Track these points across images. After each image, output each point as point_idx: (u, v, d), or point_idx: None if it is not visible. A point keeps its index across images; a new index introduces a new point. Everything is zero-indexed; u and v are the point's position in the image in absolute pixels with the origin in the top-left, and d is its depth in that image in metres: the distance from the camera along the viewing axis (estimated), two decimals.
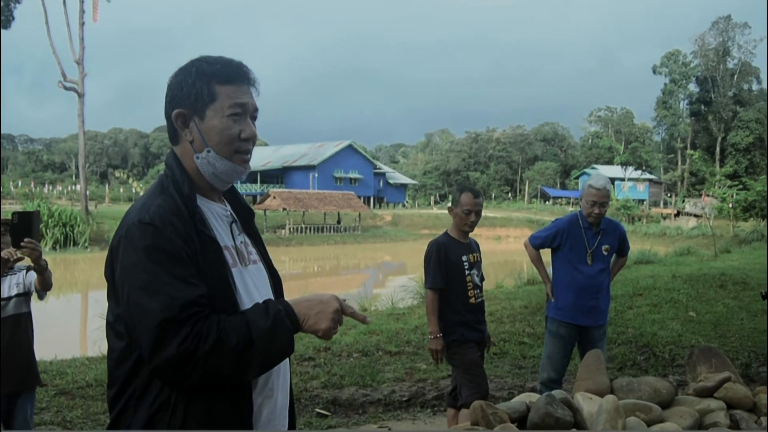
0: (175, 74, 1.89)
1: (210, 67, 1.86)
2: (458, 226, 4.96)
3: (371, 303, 13.80)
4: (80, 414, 6.04)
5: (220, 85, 1.86)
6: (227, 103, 1.85)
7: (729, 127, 74.19)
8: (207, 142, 1.85)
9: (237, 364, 1.65)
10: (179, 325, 1.59)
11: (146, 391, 1.71)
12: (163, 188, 1.83)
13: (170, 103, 1.87)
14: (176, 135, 1.90)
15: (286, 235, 44.26)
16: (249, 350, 1.65)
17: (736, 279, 13.58)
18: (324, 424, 5.93)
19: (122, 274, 1.68)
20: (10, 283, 4.21)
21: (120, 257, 1.70)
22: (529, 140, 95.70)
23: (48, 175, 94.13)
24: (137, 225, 1.69)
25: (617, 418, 2.36)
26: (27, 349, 4.29)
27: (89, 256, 32.39)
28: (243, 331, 1.65)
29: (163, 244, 1.67)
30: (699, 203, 53.95)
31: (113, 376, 1.77)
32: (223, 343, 1.61)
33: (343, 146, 71.44)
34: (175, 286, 1.62)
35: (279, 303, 1.77)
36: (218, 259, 1.80)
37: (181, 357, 1.58)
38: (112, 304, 1.77)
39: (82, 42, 39.06)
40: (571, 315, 5.37)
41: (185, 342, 1.58)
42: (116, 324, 1.75)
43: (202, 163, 1.87)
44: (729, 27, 76.69)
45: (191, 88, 1.84)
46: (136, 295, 1.63)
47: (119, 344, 1.74)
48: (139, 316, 1.62)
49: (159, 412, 1.70)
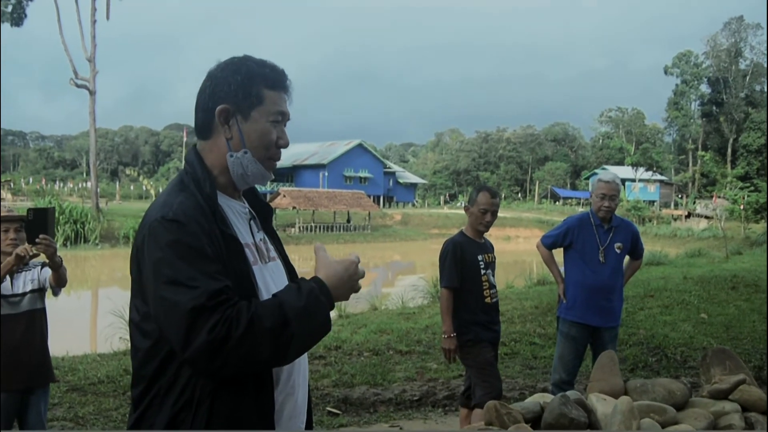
0: (220, 68, 1.87)
1: (260, 69, 1.87)
2: (474, 225, 4.96)
3: (381, 302, 13.79)
4: (92, 410, 6.07)
5: (267, 89, 1.86)
6: (273, 108, 1.86)
7: (741, 129, 73.73)
8: (245, 143, 1.85)
9: (274, 346, 1.62)
10: (209, 312, 1.57)
11: (170, 389, 1.71)
12: (184, 186, 1.81)
13: (212, 97, 1.85)
14: (209, 129, 1.87)
15: (295, 234, 44.30)
16: (285, 331, 1.62)
17: (747, 281, 13.53)
18: (335, 422, 5.94)
19: (149, 271, 1.67)
20: (25, 279, 4.22)
21: (145, 254, 1.69)
22: (539, 140, 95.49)
23: (59, 172, 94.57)
24: (161, 221, 1.69)
25: (632, 419, 2.35)
26: (41, 346, 4.30)
27: (100, 253, 32.54)
28: (277, 312, 1.63)
29: (188, 240, 1.66)
30: (710, 205, 53.72)
31: (139, 375, 1.76)
32: (257, 326, 1.59)
33: (353, 145, 71.47)
34: (202, 279, 1.62)
35: (312, 281, 1.75)
36: (240, 256, 1.80)
37: (213, 344, 1.56)
38: (137, 302, 1.76)
39: (93, 40, 39.22)
40: (583, 314, 5.34)
41: (216, 328, 1.56)
42: (143, 322, 1.74)
43: (235, 163, 1.86)
44: (741, 28, 76.31)
45: (239, 86, 1.83)
46: (163, 290, 1.62)
47: (145, 343, 1.74)
48: (168, 310, 1.61)
49: (182, 411, 1.70)
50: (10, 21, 38.71)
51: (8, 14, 38.47)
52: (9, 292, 4.13)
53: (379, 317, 11.09)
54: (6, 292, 4.12)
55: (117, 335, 9.39)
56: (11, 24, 38.91)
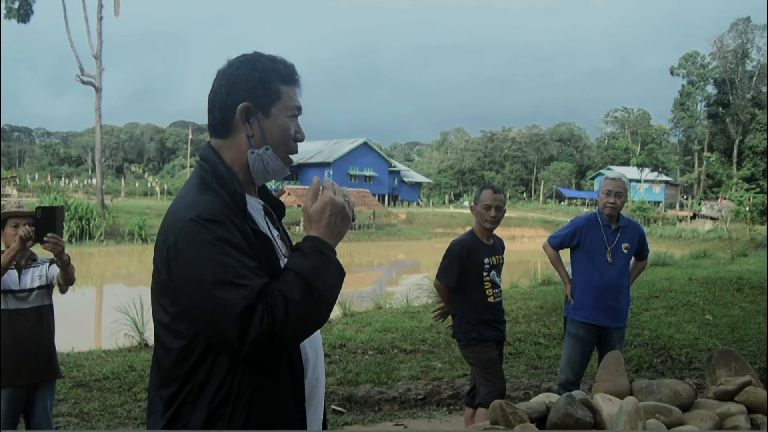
0: (235, 66, 1.87)
1: (274, 65, 1.88)
2: (480, 222, 4.95)
3: (385, 301, 13.79)
4: (97, 406, 6.09)
5: (283, 84, 1.88)
6: (290, 103, 1.89)
7: (747, 130, 73.52)
8: (266, 139, 1.87)
9: (313, 310, 1.68)
10: (256, 308, 1.60)
11: (205, 387, 1.72)
12: (207, 184, 1.81)
13: (231, 95, 1.85)
14: (228, 127, 1.87)
15: (300, 231, 44.30)
16: (313, 294, 1.67)
17: (753, 283, 13.51)
18: (340, 420, 5.95)
19: (189, 271, 1.67)
20: (33, 275, 4.24)
21: (181, 255, 1.68)
22: (544, 140, 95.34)
23: (65, 168, 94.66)
24: (197, 221, 1.68)
25: (637, 420, 2.35)
26: (48, 342, 4.32)
27: (105, 250, 32.60)
28: (298, 281, 1.66)
29: (228, 238, 1.67)
30: (715, 206, 53.68)
31: (172, 375, 1.75)
32: (291, 301, 1.63)
33: (358, 144, 71.41)
34: (248, 277, 1.64)
35: (306, 240, 1.78)
36: (272, 252, 1.83)
37: (265, 334, 1.59)
38: (165, 303, 1.75)
39: (100, 37, 39.28)
40: (591, 315, 5.33)
41: (264, 319, 1.59)
42: (174, 323, 1.74)
43: (256, 160, 1.87)
44: (748, 29, 76.05)
45: (258, 83, 1.84)
46: (211, 290, 1.62)
47: (178, 343, 1.73)
48: (219, 310, 1.61)
49: (220, 408, 1.71)
50: (17, 17, 38.76)
51: (15, 10, 38.53)
52: (17, 287, 4.16)
53: (383, 316, 11.09)
54: (14, 287, 4.14)
55: (122, 332, 9.41)
56: (18, 20, 38.96)
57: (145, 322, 9.11)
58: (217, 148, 1.90)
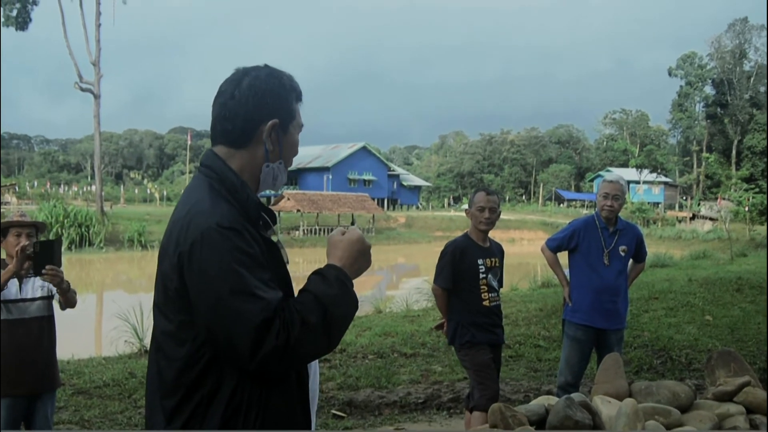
0: (262, 79, 1.87)
1: (291, 83, 1.93)
2: (474, 224, 4.97)
3: (385, 305, 13.79)
4: (98, 413, 6.09)
5: (297, 102, 1.94)
6: (300, 121, 1.95)
7: (745, 130, 73.60)
8: (282, 154, 1.92)
9: (326, 335, 1.72)
10: (272, 322, 1.62)
11: (215, 397, 1.71)
12: (218, 192, 1.81)
13: (261, 109, 1.85)
14: (248, 139, 1.86)
15: (300, 237, 44.34)
16: (329, 320, 1.71)
17: (752, 283, 13.50)
18: (340, 425, 5.95)
19: (206, 279, 1.66)
20: (34, 284, 4.24)
21: (199, 263, 1.68)
22: (543, 142, 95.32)
23: (64, 175, 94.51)
24: (217, 229, 1.68)
25: (636, 421, 2.36)
26: (48, 352, 4.31)
27: (104, 257, 32.62)
28: (317, 306, 1.70)
29: (246, 248, 1.69)
30: (715, 206, 53.73)
31: (176, 384, 1.74)
32: (307, 323, 1.66)
33: (357, 148, 71.43)
34: (266, 289, 1.66)
35: (330, 268, 1.82)
36: (281, 262, 1.86)
37: (279, 349, 1.61)
38: (170, 311, 1.76)
39: (98, 43, 39.38)
40: (589, 317, 5.33)
41: (279, 335, 1.61)
42: (180, 331, 1.73)
43: (268, 173, 1.91)
44: (746, 29, 76.16)
45: (285, 101, 1.89)
46: (228, 300, 1.63)
47: (182, 352, 1.73)
48: (235, 320, 1.62)
49: (232, 419, 1.71)
50: (15, 25, 38.73)
51: (13, 18, 38.51)
52: (18, 297, 4.16)
53: (383, 320, 11.08)
54: (15, 297, 4.14)
55: (122, 339, 9.40)
56: (16, 28, 38.93)
57: (145, 329, 9.10)
58: (224, 156, 1.88)
